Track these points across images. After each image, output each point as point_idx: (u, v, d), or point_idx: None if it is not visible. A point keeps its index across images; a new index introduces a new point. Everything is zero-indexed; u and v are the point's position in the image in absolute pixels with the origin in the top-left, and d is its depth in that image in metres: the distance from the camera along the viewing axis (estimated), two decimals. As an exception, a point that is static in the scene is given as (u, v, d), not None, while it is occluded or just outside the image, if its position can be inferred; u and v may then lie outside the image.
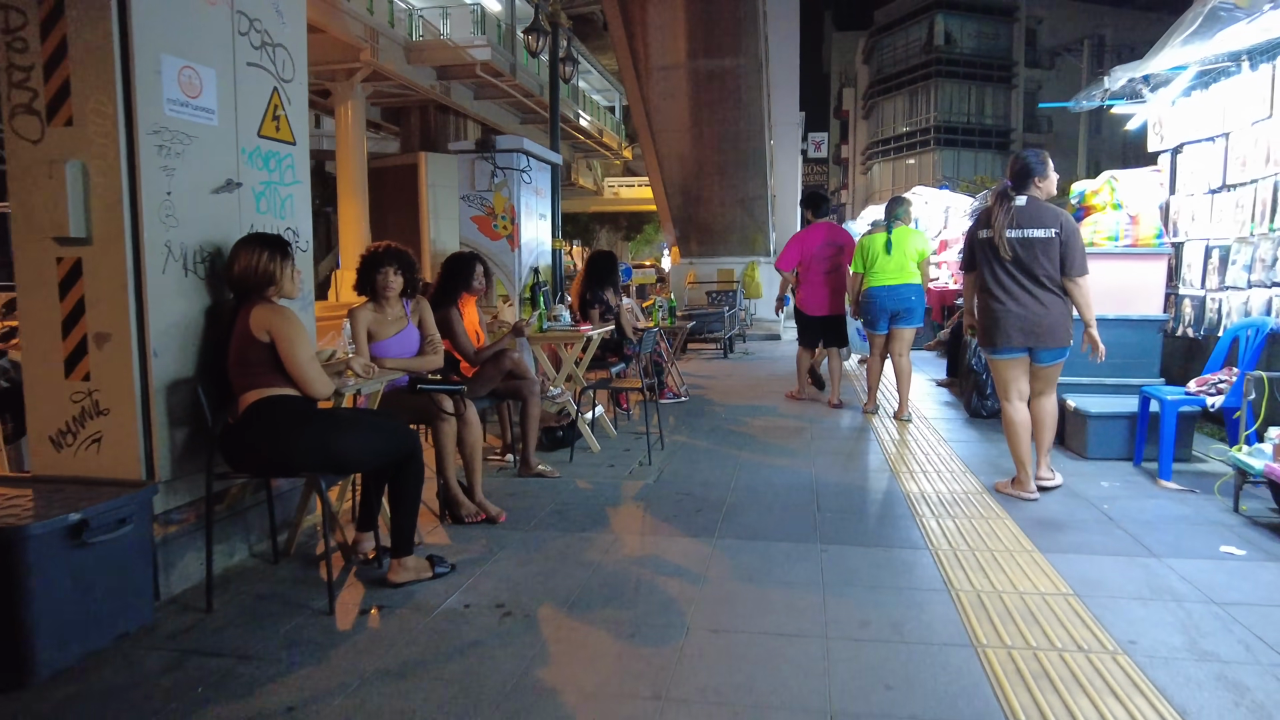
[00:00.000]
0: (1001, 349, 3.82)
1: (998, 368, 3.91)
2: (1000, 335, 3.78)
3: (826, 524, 3.53)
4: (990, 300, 3.80)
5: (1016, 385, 3.86)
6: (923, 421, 5.86)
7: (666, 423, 5.99)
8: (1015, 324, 3.71)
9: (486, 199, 6.16)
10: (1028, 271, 3.68)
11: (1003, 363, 3.86)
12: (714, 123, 11.95)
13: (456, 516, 3.65)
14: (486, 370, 4.31)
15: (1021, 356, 3.81)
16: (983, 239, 3.81)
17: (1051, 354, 3.79)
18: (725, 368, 9.46)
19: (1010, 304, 3.72)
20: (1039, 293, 3.69)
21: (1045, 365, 3.81)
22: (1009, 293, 3.73)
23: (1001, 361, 3.86)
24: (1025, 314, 3.70)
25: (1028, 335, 3.73)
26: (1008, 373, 3.86)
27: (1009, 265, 3.71)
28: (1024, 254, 3.68)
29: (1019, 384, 3.86)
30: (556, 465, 4.70)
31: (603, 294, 6.31)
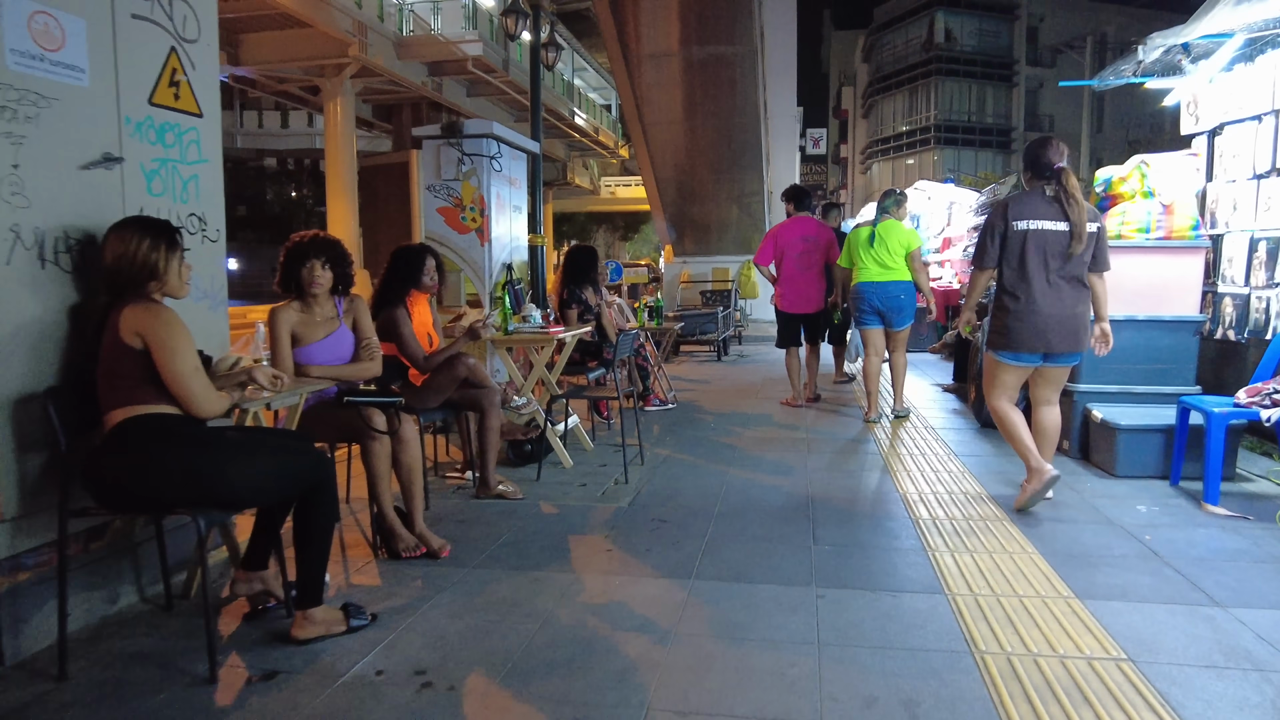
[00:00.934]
0: (1025, 353, 3.50)
1: (1008, 373, 3.59)
2: (1035, 339, 3.44)
3: (824, 560, 3.01)
4: (1024, 299, 3.43)
5: (1012, 391, 3.65)
6: (929, 432, 5.35)
7: (650, 433, 5.48)
8: (1055, 327, 3.42)
9: (454, 189, 5.66)
10: (1072, 269, 3.41)
11: (1015, 369, 3.58)
12: (708, 114, 11.45)
13: (393, 550, 3.13)
14: (438, 378, 3.80)
15: (1034, 364, 3.54)
16: (1026, 230, 3.39)
17: (1078, 356, 3.58)
18: (718, 371, 8.95)
19: (1052, 305, 3.41)
20: (1078, 292, 3.44)
21: (1066, 366, 3.59)
22: (1054, 292, 3.40)
23: (1014, 368, 3.57)
24: (1065, 316, 3.42)
25: (1065, 339, 3.44)
26: (1012, 379, 3.61)
27: (1048, 259, 3.38)
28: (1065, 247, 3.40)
29: (1015, 389, 3.66)
30: (522, 483, 4.19)
31: (581, 293, 5.81)
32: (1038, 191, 3.44)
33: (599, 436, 5.38)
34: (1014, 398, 3.66)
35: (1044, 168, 3.42)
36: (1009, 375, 3.60)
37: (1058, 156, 3.39)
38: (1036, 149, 3.47)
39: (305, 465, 2.44)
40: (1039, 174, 3.44)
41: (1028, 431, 3.57)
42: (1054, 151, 3.41)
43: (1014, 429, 3.57)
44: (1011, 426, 3.59)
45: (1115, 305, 4.37)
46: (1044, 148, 3.44)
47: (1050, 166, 3.40)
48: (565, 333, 4.56)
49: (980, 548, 3.11)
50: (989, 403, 3.70)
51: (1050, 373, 3.59)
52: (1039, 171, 3.44)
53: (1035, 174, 3.47)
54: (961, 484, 4.05)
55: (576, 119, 36.12)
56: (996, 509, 3.62)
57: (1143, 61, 4.24)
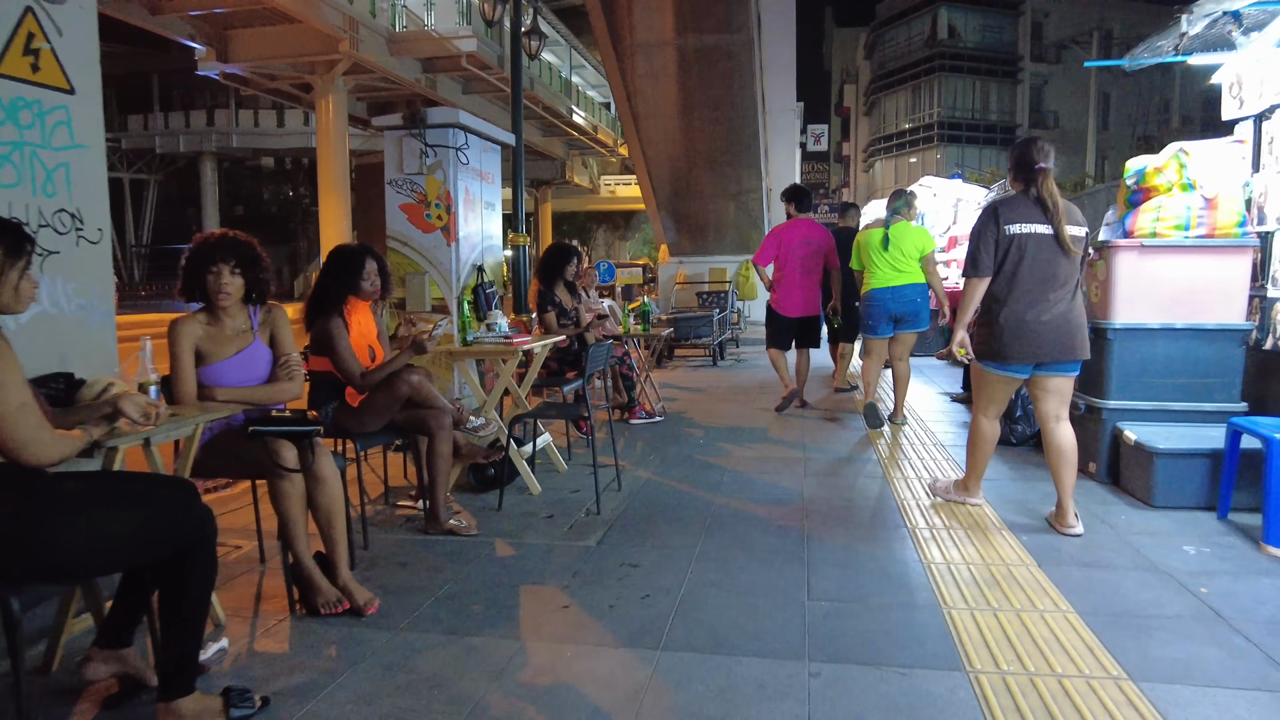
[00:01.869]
0: (1015, 364, 3.31)
1: (997, 385, 3.43)
2: (1024, 349, 3.25)
3: (819, 621, 2.53)
4: (1016, 306, 3.25)
5: (1003, 403, 3.53)
6: (938, 450, 4.86)
7: (633, 450, 5.00)
8: (1047, 335, 3.24)
9: (417, 183, 5.17)
10: (1062, 271, 3.25)
11: (1006, 380, 3.41)
12: (703, 107, 10.94)
13: (311, 606, 2.65)
14: (377, 398, 3.32)
15: (1026, 375, 3.37)
16: (1018, 234, 3.23)
17: (1078, 365, 3.37)
18: (712, 378, 8.46)
19: (1043, 312, 3.24)
20: (1072, 298, 3.29)
21: (1067, 376, 3.36)
22: (1046, 299, 3.23)
23: (1005, 379, 3.39)
24: (1059, 323, 3.24)
25: (1058, 348, 3.26)
26: (1003, 391, 3.46)
27: (1040, 264, 3.22)
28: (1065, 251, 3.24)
29: (1005, 402, 3.54)
30: (481, 513, 3.72)
31: (554, 295, 5.33)
32: (1026, 194, 3.29)
33: (576, 455, 4.90)
34: (1000, 412, 3.54)
35: (1029, 169, 3.27)
36: (997, 388, 3.44)
37: (1040, 157, 3.26)
38: (1022, 150, 3.33)
39: (172, 519, 1.96)
40: (1025, 176, 3.29)
41: (988, 455, 3.59)
42: (1037, 152, 3.27)
43: (982, 444, 3.54)
44: (981, 440, 3.54)
45: (1149, 312, 3.89)
46: (1029, 148, 3.30)
47: (1032, 167, 3.25)
48: (531, 343, 4.07)
49: (1005, 604, 2.62)
50: (974, 414, 3.56)
51: (1050, 382, 3.35)
52: (1025, 173, 3.29)
53: (1021, 176, 3.32)
54: (980, 518, 3.55)
55: (575, 117, 35.65)
56: (1021, 550, 3.13)
57: (1185, 34, 3.76)
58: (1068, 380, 3.36)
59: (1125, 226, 4.09)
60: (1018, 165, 3.32)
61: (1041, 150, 3.27)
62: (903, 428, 5.53)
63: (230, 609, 2.70)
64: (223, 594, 2.81)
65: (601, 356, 4.00)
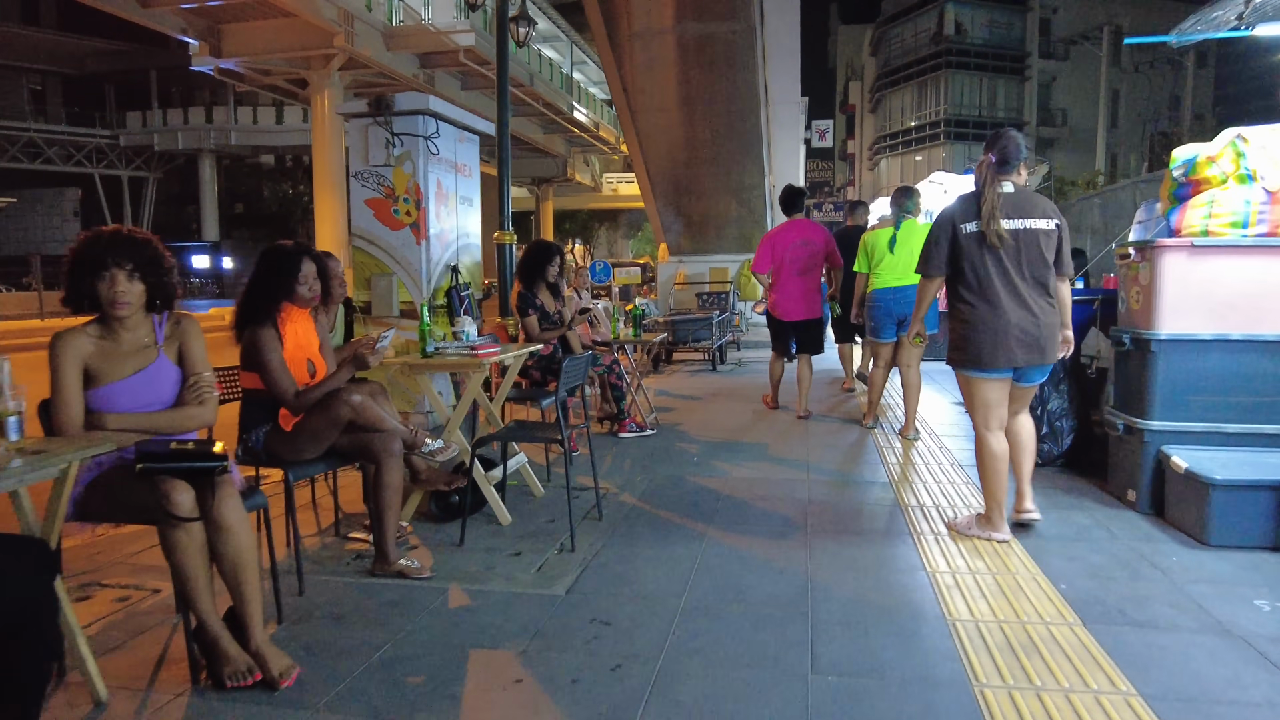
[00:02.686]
0: (992, 368, 3.16)
1: (982, 390, 3.24)
2: (998, 351, 3.12)
3: (825, 703, 2.07)
4: (983, 307, 3.13)
5: (999, 411, 3.26)
6: (958, 472, 4.40)
7: (620, 469, 4.55)
8: (1017, 336, 3.11)
9: (384, 176, 4.73)
10: (1026, 271, 3.12)
11: (990, 384, 3.22)
12: (704, 99, 10.46)
13: (216, 676, 2.21)
14: (313, 421, 2.88)
15: (1009, 376, 3.22)
16: (972, 233, 3.14)
17: (1046, 371, 3.27)
18: (711, 384, 8.00)
19: (1011, 312, 3.10)
20: (1039, 297, 3.14)
21: (1033, 385, 3.30)
22: (1010, 297, 3.11)
23: (989, 383, 3.22)
24: (1027, 324, 3.11)
25: (1030, 350, 3.12)
26: (993, 396, 3.24)
27: (1005, 263, 3.10)
28: (1025, 249, 3.10)
29: (1002, 409, 3.27)
30: (441, 548, 3.28)
31: (535, 297, 4.89)
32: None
33: (557, 476, 4.45)
34: (1004, 420, 3.28)
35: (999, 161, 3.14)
36: (989, 392, 3.24)
37: (994, 148, 3.15)
38: (999, 141, 3.17)
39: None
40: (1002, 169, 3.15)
41: (1004, 475, 3.26)
42: (992, 141, 3.18)
43: (992, 464, 3.24)
44: (990, 460, 3.25)
45: (1200, 321, 3.43)
46: (1004, 140, 3.16)
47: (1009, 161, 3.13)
48: (499, 354, 3.62)
49: (1050, 680, 2.17)
50: (976, 430, 3.32)
51: (1016, 390, 3.28)
52: (999, 166, 3.15)
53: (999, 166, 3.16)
54: (1006, 558, 3.09)
55: (576, 114, 35.21)
56: (1059, 602, 2.67)
57: (1251, 2, 3.30)
58: (1034, 389, 3.34)
59: (1171, 224, 3.63)
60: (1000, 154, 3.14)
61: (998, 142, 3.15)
62: (915, 443, 5.08)
63: (121, 679, 2.26)
64: (117, 658, 2.38)
65: (578, 371, 3.55)
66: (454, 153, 4.99)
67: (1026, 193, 3.18)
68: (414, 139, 4.62)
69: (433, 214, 4.72)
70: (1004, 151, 3.12)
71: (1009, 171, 3.15)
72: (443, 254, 4.86)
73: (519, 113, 32.17)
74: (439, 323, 4.87)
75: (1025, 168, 3.19)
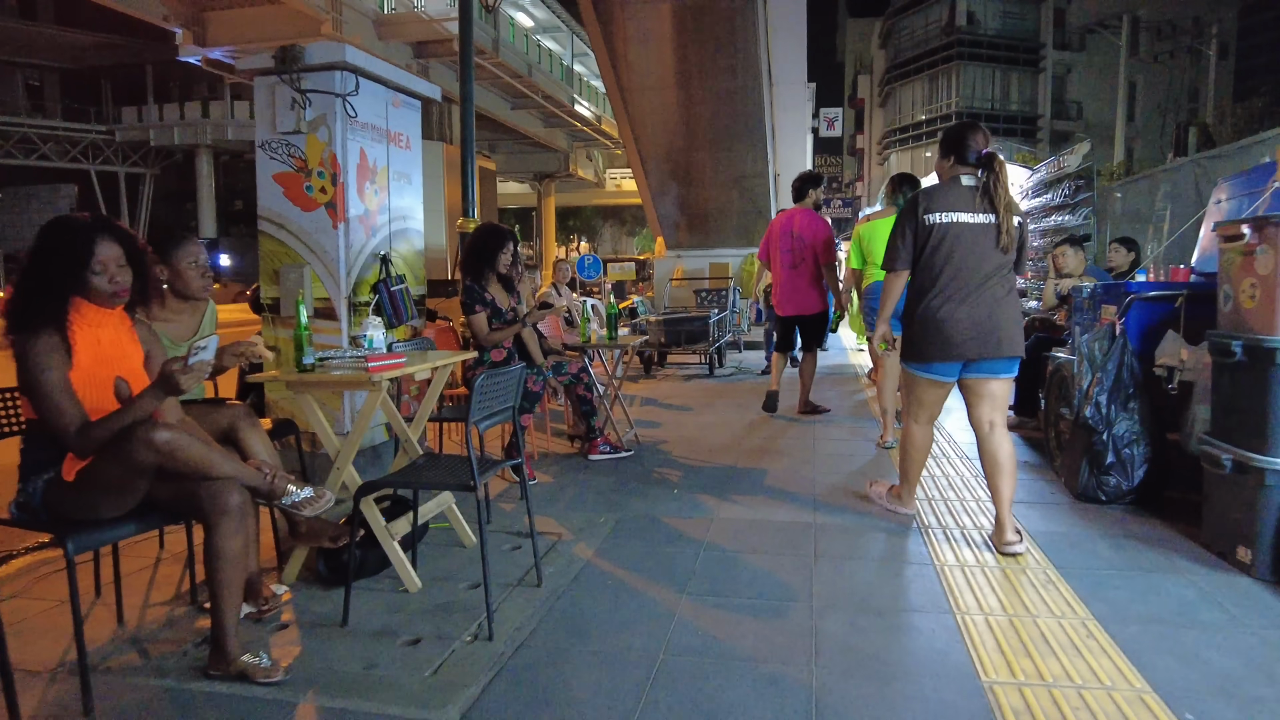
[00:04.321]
0: (939, 364, 3.09)
1: (924, 389, 3.20)
2: (945, 346, 3.04)
3: None
4: (934, 303, 3.06)
5: (932, 410, 3.26)
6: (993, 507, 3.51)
7: (581, 505, 3.68)
8: (965, 332, 3.02)
9: (295, 146, 3.86)
10: (984, 266, 3.03)
11: (930, 384, 3.17)
12: (702, 77, 9.56)
13: None
14: (103, 467, 2.02)
15: (953, 380, 3.15)
16: (939, 224, 3.04)
17: (1009, 364, 3.12)
18: (705, 392, 7.12)
19: (961, 308, 3.03)
20: (1001, 292, 3.05)
21: (1002, 378, 3.13)
22: (964, 293, 3.03)
23: (929, 383, 3.17)
24: (983, 318, 3.01)
25: (983, 343, 3.02)
26: (930, 395, 3.21)
27: (963, 258, 3.04)
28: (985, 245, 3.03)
29: (936, 408, 3.26)
30: (313, 632, 2.42)
31: (483, 290, 4.04)
32: (956, 181, 3.09)
33: (500, 514, 3.59)
34: (933, 417, 3.28)
35: (969, 153, 3.08)
36: (926, 392, 3.20)
37: (985, 142, 3.09)
38: (961, 132, 3.12)
39: None
40: (961, 160, 3.10)
41: (921, 464, 3.34)
42: (980, 136, 3.10)
43: (913, 452, 3.30)
44: (912, 449, 3.30)
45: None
46: (970, 131, 3.11)
47: (978, 152, 3.07)
48: (403, 366, 2.73)
49: None
50: (904, 419, 3.36)
51: (979, 385, 3.11)
52: (962, 157, 3.09)
53: (957, 160, 3.11)
54: (1102, 667, 2.20)
55: (578, 107, 34.36)
56: (1155, 702, 1.79)
57: None
58: (1001, 383, 3.13)
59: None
60: (957, 148, 3.09)
61: (985, 136, 3.08)
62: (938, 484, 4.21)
63: None
64: None
65: (501, 390, 2.64)
66: (384, 118, 4.12)
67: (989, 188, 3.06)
68: (328, 99, 3.76)
69: (353, 191, 3.86)
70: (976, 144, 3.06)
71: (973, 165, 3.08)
72: (368, 240, 4.00)
73: (520, 104, 31.35)
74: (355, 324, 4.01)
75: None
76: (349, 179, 3.86)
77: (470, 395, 2.40)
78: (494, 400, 2.52)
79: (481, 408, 2.44)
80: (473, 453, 2.35)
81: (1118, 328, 3.56)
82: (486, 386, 2.44)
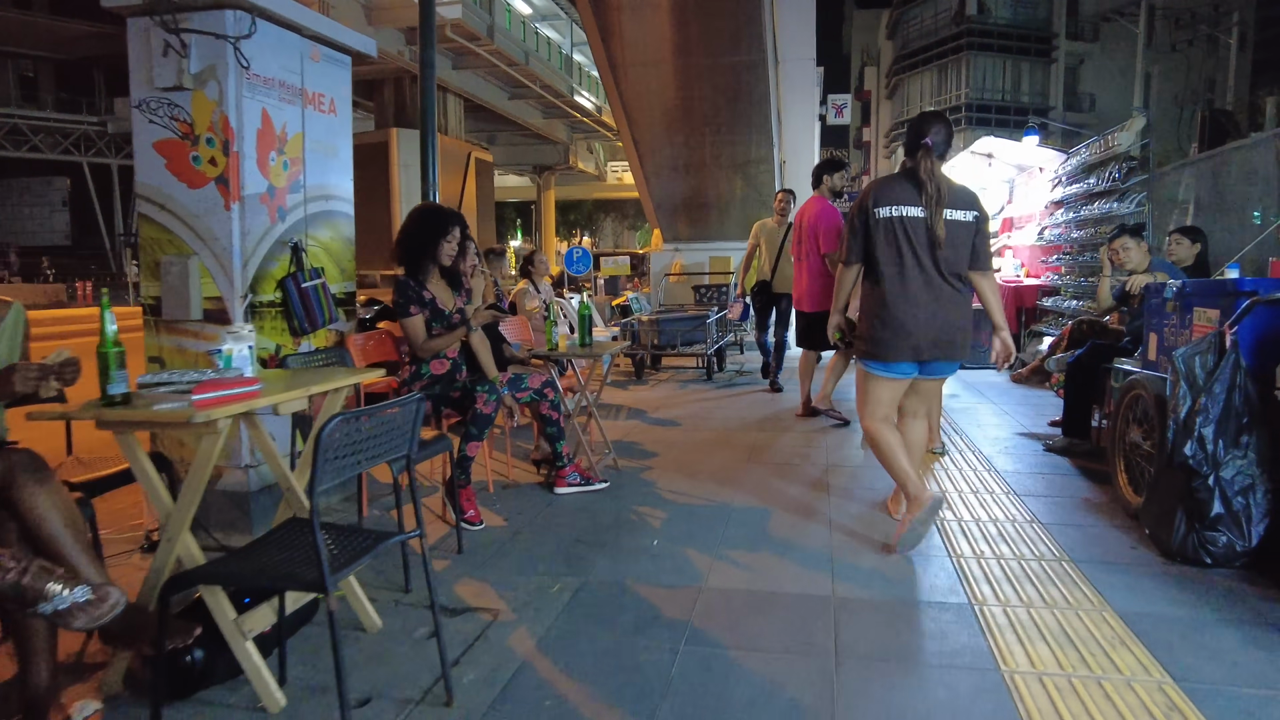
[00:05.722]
0: (896, 363, 2.96)
1: (880, 387, 3.04)
2: (903, 346, 2.91)
3: None
4: (888, 299, 2.93)
5: (887, 409, 3.08)
6: (1074, 585, 2.70)
7: (532, 562, 2.89)
8: (922, 332, 2.90)
9: (179, 106, 3.07)
10: (944, 264, 2.92)
11: (884, 382, 3.03)
12: (702, 49, 8.70)
13: None
14: None
15: (909, 377, 3.02)
16: (888, 218, 2.93)
17: (954, 366, 3.07)
18: (702, 402, 6.31)
19: (918, 306, 2.90)
20: (952, 292, 2.93)
21: (941, 378, 3.16)
22: (920, 291, 2.90)
23: (891, 382, 3.02)
24: (936, 318, 2.90)
25: (939, 346, 2.92)
26: (885, 394, 3.05)
27: (919, 254, 2.91)
28: (947, 242, 2.90)
29: (891, 406, 3.09)
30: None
31: (420, 287, 3.27)
32: (907, 173, 3.00)
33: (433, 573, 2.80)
34: (890, 416, 3.11)
35: (913, 145, 3.02)
36: (882, 390, 3.05)
37: (930, 132, 2.96)
38: (914, 122, 3.10)
39: None
40: (910, 152, 3.05)
41: (905, 453, 3.05)
42: (927, 126, 3.00)
43: (889, 450, 3.04)
44: (886, 448, 3.05)
45: None
46: (922, 121, 3.04)
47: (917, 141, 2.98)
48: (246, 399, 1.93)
49: None
50: (862, 421, 3.15)
51: (919, 384, 3.09)
52: (910, 149, 3.05)
53: (907, 152, 3.07)
54: None
55: (578, 98, 33.50)
56: None
57: None
58: (938, 383, 3.20)
59: None
60: (909, 138, 3.06)
61: (933, 126, 2.99)
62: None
63: None
64: None
65: (378, 437, 1.82)
66: (298, 74, 3.33)
67: (947, 182, 2.98)
68: (219, 47, 2.97)
69: (251, 162, 3.06)
70: (940, 137, 2.97)
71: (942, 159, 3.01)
72: (273, 225, 3.20)
73: (519, 94, 30.47)
74: (269, 329, 3.21)
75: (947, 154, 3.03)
76: (245, 147, 3.06)
77: (315, 452, 1.59)
78: (354, 456, 1.70)
79: (332, 470, 1.63)
80: (321, 544, 1.55)
81: (1228, 338, 2.75)
82: (336, 441, 1.62)
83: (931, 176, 2.90)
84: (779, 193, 6.45)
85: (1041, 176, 8.26)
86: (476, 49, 23.51)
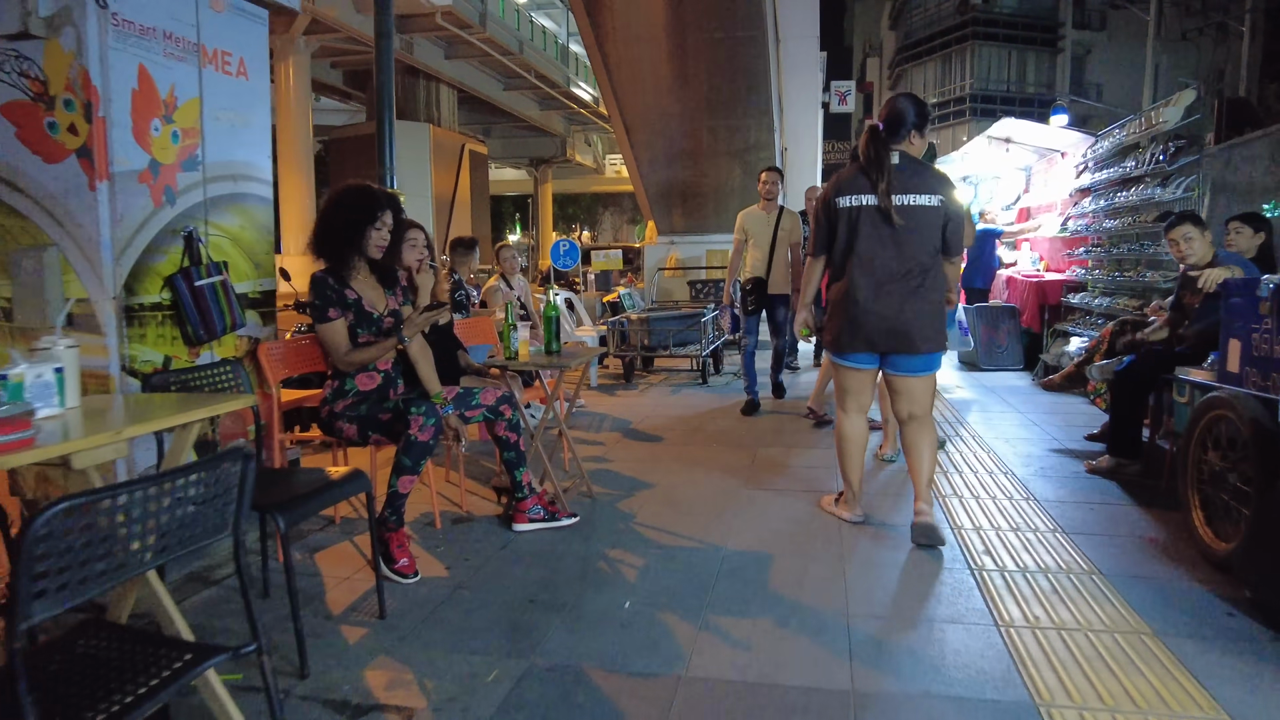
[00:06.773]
0: (851, 354, 2.99)
1: (846, 377, 3.07)
2: (856, 337, 2.93)
3: None
4: (849, 288, 2.93)
5: (860, 398, 3.09)
6: (1163, 669, 2.10)
7: (467, 634, 2.29)
8: (876, 323, 2.89)
9: (28, 59, 2.46)
10: (903, 251, 2.87)
11: (849, 372, 3.05)
12: (700, 24, 8.07)
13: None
14: None
15: (873, 367, 3.01)
16: (847, 207, 2.92)
17: (925, 361, 2.93)
18: (694, 410, 5.70)
19: (875, 296, 2.88)
20: (912, 280, 2.86)
21: (919, 376, 2.95)
22: (879, 279, 2.88)
23: (854, 372, 3.04)
24: (893, 310, 2.87)
25: (894, 336, 2.88)
26: (852, 383, 3.07)
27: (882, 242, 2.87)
28: (906, 227, 2.85)
29: (863, 396, 3.09)
30: None
31: (342, 285, 2.67)
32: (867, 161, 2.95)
33: (343, 650, 2.19)
34: (863, 407, 3.10)
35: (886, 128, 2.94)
36: (847, 379, 3.08)
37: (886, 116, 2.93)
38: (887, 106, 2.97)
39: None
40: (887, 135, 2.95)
41: (861, 458, 3.13)
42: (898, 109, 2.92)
43: (846, 444, 3.10)
44: (845, 441, 3.10)
45: None
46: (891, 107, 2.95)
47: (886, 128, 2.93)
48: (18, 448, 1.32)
49: None
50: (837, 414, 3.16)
51: (896, 382, 2.99)
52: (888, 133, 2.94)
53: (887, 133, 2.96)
54: None
55: (574, 89, 32.80)
56: None
57: None
58: (918, 381, 2.96)
59: None
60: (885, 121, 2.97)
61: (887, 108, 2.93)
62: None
63: None
64: None
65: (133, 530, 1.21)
66: (192, 25, 2.71)
67: (913, 164, 2.90)
68: (72, -18, 2.37)
69: (123, 130, 2.45)
70: (889, 120, 2.90)
71: (899, 140, 2.90)
72: (159, 209, 2.59)
73: (513, 85, 29.77)
74: (154, 337, 2.60)
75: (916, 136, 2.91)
76: (114, 112, 2.45)
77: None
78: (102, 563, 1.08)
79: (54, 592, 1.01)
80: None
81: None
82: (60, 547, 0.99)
83: (877, 160, 2.83)
84: (762, 172, 5.41)
85: (1064, 162, 7.64)
86: (469, 37, 22.82)
